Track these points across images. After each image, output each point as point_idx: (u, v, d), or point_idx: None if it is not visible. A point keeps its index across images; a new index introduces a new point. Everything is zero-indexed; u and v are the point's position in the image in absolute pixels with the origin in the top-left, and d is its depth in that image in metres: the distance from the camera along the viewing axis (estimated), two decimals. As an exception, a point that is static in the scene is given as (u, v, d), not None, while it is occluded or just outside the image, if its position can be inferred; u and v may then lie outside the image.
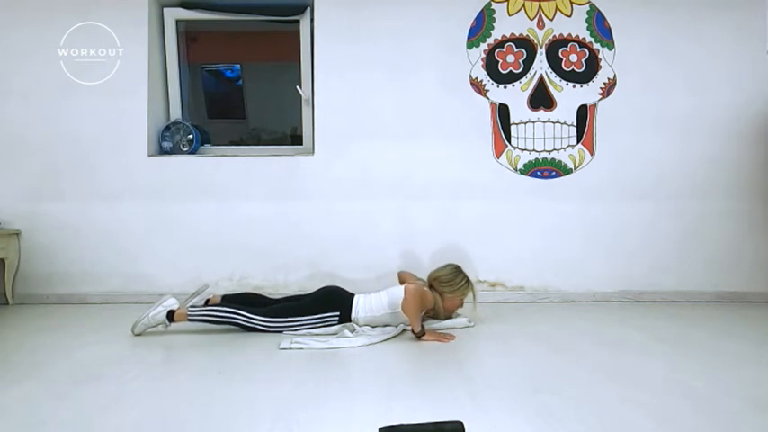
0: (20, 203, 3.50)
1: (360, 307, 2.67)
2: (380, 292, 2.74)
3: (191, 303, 2.72)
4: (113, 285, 3.50)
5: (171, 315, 2.57)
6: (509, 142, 3.55)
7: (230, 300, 2.84)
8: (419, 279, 2.88)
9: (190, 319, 2.57)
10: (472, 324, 2.77)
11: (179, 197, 3.52)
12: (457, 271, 2.77)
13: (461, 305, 2.83)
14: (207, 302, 2.85)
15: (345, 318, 2.65)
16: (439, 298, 2.72)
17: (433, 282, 2.76)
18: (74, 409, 1.68)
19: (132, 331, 2.57)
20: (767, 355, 2.30)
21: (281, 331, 2.59)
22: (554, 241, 3.53)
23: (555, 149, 3.55)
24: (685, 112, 3.52)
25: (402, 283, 2.82)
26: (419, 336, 2.50)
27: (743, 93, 3.53)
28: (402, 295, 2.60)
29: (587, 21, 3.54)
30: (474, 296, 2.79)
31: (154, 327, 2.58)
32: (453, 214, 3.53)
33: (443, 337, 2.52)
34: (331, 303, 2.67)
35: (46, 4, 3.50)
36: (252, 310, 2.61)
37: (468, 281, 2.77)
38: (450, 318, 2.80)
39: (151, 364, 2.16)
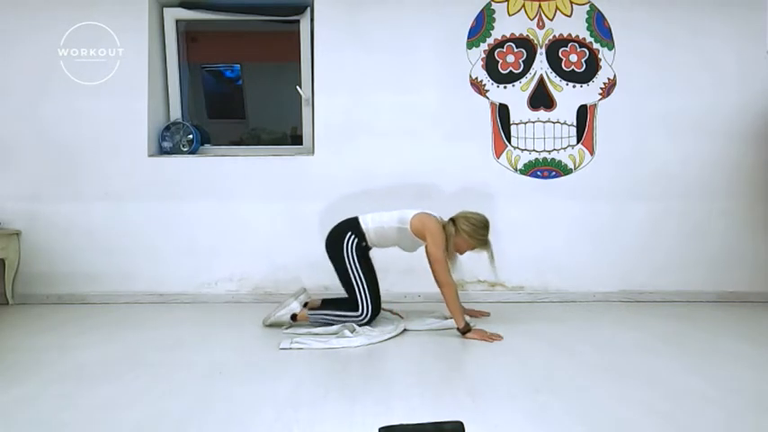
0: (20, 203, 3.50)
1: (369, 219, 2.77)
2: (393, 210, 2.80)
3: (277, 315, 2.76)
4: (113, 285, 3.49)
5: (294, 317, 2.75)
6: (509, 142, 3.55)
7: (330, 302, 2.88)
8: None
9: (311, 322, 2.72)
10: (473, 325, 2.77)
11: (179, 197, 3.52)
12: (485, 223, 2.73)
13: (464, 251, 2.77)
14: (305, 305, 2.86)
15: (360, 235, 2.73)
16: (453, 233, 2.67)
17: (460, 217, 2.72)
18: (74, 409, 1.68)
19: (263, 323, 2.79)
20: (767, 354, 2.30)
21: (371, 311, 2.67)
22: (554, 241, 3.53)
23: (555, 149, 3.55)
24: (685, 112, 3.52)
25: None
26: (464, 332, 2.50)
27: (743, 93, 3.53)
28: (413, 214, 2.70)
29: (587, 21, 3.54)
30: (491, 256, 2.73)
31: (280, 324, 2.76)
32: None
33: (489, 336, 2.49)
34: (343, 231, 2.76)
35: (46, 4, 3.50)
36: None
37: (488, 240, 2.73)
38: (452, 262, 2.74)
39: (151, 364, 2.16)
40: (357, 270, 2.70)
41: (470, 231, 2.65)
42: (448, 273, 2.60)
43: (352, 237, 2.74)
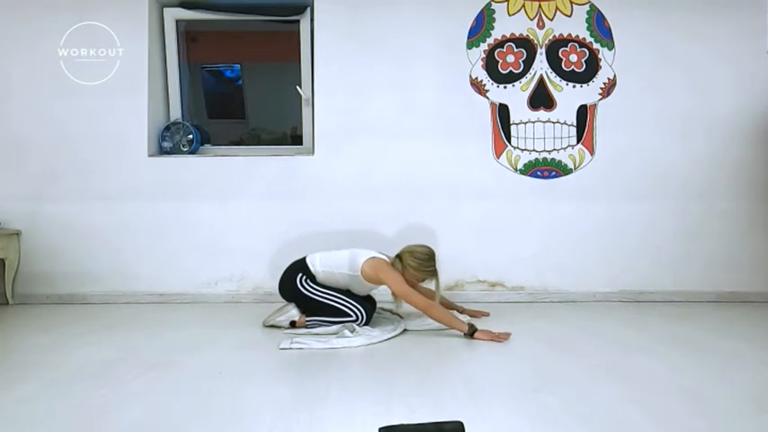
0: (20, 203, 3.50)
1: (318, 262, 2.77)
2: (343, 250, 2.79)
3: (276, 320, 2.76)
4: (113, 285, 3.49)
5: (293, 323, 2.74)
6: (509, 142, 3.55)
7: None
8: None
9: (307, 327, 2.71)
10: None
11: (179, 197, 3.52)
12: (431, 255, 2.73)
13: (416, 283, 2.76)
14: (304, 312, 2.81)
15: (310, 276, 2.75)
16: (400, 269, 2.68)
17: (405, 253, 2.73)
18: (73, 409, 1.68)
19: (263, 324, 2.79)
20: (767, 355, 2.30)
21: (364, 313, 2.68)
22: (554, 241, 3.53)
23: (555, 149, 3.55)
24: (685, 111, 3.53)
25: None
26: (471, 334, 2.47)
27: (743, 93, 3.53)
28: (363, 261, 2.67)
29: (587, 21, 3.55)
30: (437, 286, 2.73)
31: (280, 325, 2.75)
32: (453, 214, 3.53)
33: (498, 336, 2.46)
34: (293, 274, 2.78)
35: (46, 4, 3.50)
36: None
37: (435, 271, 2.72)
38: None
39: (151, 364, 2.16)
40: (324, 293, 2.71)
41: (416, 266, 2.68)
42: (422, 298, 2.59)
43: (304, 277, 2.75)
